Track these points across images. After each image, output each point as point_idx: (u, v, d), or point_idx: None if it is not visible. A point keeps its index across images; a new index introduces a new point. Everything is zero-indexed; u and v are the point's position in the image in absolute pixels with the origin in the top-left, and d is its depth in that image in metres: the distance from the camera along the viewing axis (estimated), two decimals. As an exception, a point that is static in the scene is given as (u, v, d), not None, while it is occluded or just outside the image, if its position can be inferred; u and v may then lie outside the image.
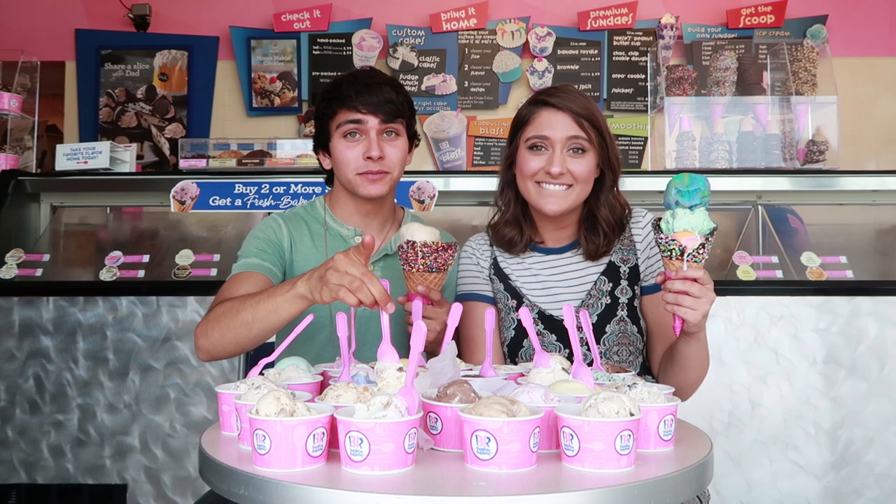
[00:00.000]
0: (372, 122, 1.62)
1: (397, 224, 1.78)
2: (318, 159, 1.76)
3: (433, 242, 1.46)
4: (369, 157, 1.62)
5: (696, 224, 1.30)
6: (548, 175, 1.55)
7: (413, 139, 1.74)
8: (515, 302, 1.66)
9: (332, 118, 1.65)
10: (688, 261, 1.31)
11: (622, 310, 1.60)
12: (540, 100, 1.61)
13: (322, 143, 1.70)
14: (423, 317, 1.43)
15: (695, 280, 1.32)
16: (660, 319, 1.61)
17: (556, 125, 1.56)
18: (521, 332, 1.61)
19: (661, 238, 1.33)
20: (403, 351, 1.23)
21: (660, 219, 1.35)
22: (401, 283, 1.53)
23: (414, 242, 1.46)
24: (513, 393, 1.07)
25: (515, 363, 1.65)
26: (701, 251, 1.31)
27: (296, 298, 1.38)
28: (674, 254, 1.31)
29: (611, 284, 1.61)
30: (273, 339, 1.76)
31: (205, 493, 1.50)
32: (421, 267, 1.45)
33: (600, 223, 1.61)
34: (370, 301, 1.28)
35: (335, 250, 1.68)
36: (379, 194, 1.67)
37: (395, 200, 1.85)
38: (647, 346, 1.67)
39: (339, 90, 1.63)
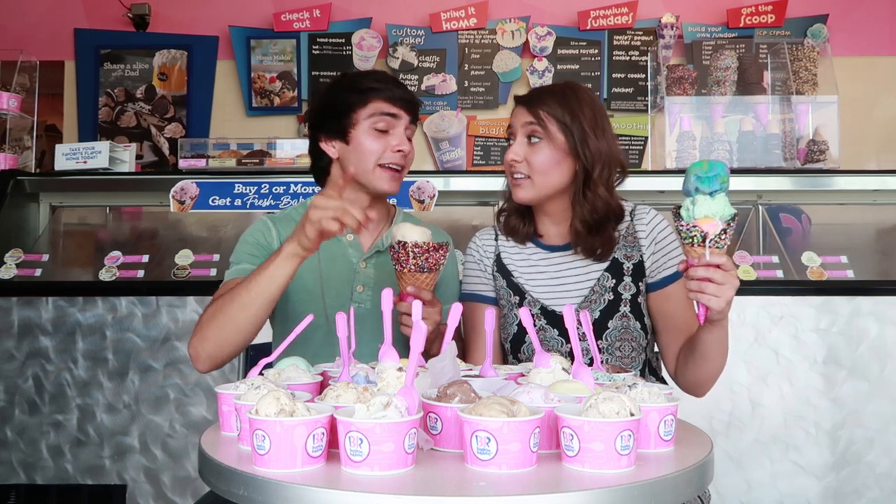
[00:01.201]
0: (404, 118, 1.67)
1: (390, 221, 1.79)
2: (318, 147, 1.71)
3: (424, 243, 1.46)
4: (399, 150, 1.66)
5: (717, 210, 1.29)
6: (509, 165, 1.61)
7: None
8: (518, 298, 1.66)
9: (362, 106, 1.65)
10: (710, 247, 1.30)
11: (625, 306, 1.60)
12: (515, 97, 1.69)
13: (338, 131, 1.67)
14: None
15: (717, 266, 1.31)
16: (672, 314, 1.61)
17: (517, 115, 1.63)
18: (523, 328, 1.61)
19: (682, 225, 1.32)
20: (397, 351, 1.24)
21: (679, 206, 1.34)
22: (393, 282, 1.53)
23: (405, 243, 1.46)
24: (513, 393, 1.07)
25: (518, 359, 1.66)
26: (723, 237, 1.30)
27: (287, 258, 1.44)
28: (695, 240, 1.31)
29: (614, 281, 1.61)
30: (271, 339, 1.76)
31: (204, 494, 1.50)
32: (412, 267, 1.46)
33: (575, 221, 1.60)
34: (354, 223, 1.36)
35: (327, 249, 1.69)
36: (394, 191, 1.70)
37: (395, 201, 1.85)
38: (659, 343, 1.66)
39: (376, 82, 1.66)
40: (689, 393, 1.61)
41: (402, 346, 1.29)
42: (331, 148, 1.69)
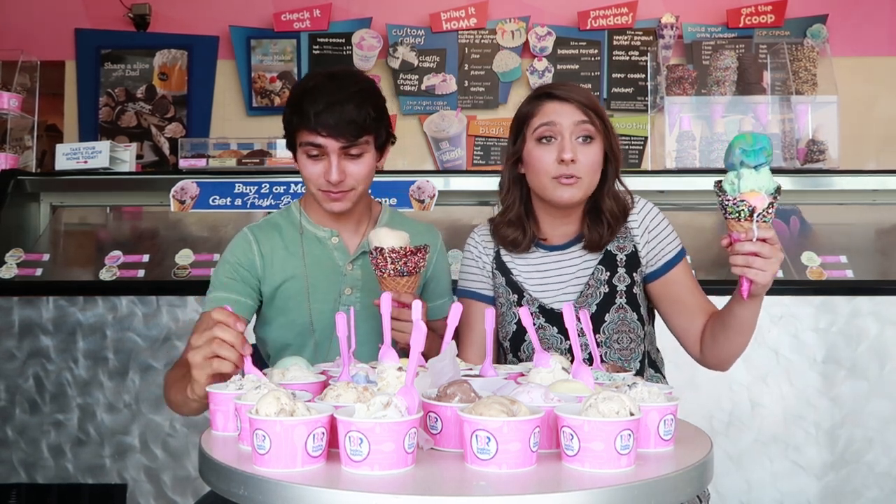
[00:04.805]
0: (332, 145, 1.55)
1: (374, 221, 1.76)
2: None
3: (401, 248, 1.45)
4: (329, 181, 1.58)
5: (763, 183, 1.28)
6: (562, 164, 1.54)
7: (387, 143, 1.67)
8: (517, 296, 1.66)
9: (295, 132, 1.60)
10: (758, 221, 1.29)
11: (620, 297, 1.61)
12: (544, 93, 1.62)
13: (291, 148, 1.66)
14: (397, 319, 1.42)
15: (764, 241, 1.31)
16: (681, 296, 1.60)
17: (564, 112, 1.57)
18: (523, 327, 1.61)
19: (728, 200, 1.30)
20: (375, 355, 1.23)
21: (720, 181, 1.33)
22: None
23: (382, 249, 1.45)
24: (513, 393, 1.07)
25: (518, 358, 1.66)
26: (770, 210, 1.29)
27: (188, 400, 1.32)
28: (742, 215, 1.30)
29: (608, 273, 1.62)
30: (254, 341, 1.74)
31: (205, 493, 1.50)
32: (391, 272, 1.45)
33: (604, 213, 1.61)
34: (229, 368, 1.21)
35: (312, 254, 1.68)
36: (341, 210, 1.64)
37: (396, 200, 1.84)
38: (675, 328, 1.64)
39: (301, 105, 1.55)
40: (714, 369, 1.61)
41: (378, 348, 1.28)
42: (295, 161, 1.66)
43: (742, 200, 1.29)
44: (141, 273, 2.85)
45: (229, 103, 4.16)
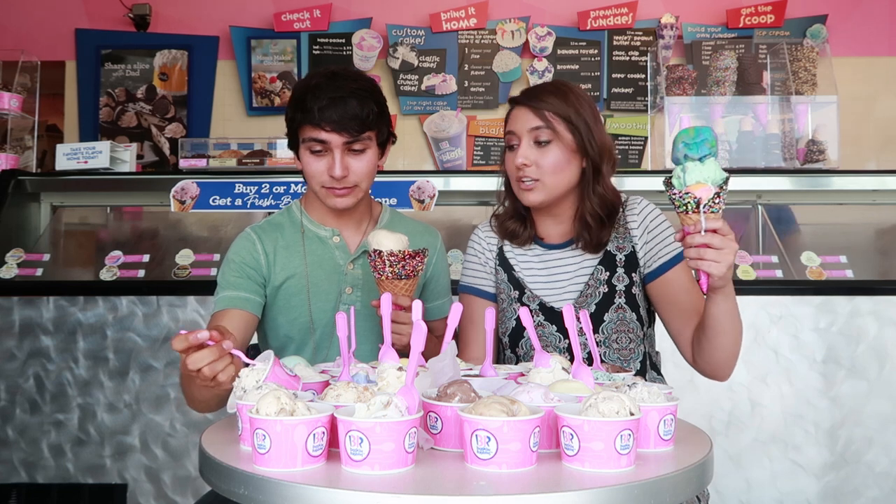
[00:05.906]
0: (336, 140, 1.56)
1: (374, 221, 1.76)
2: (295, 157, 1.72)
3: (400, 251, 1.45)
4: (332, 176, 1.59)
5: (709, 174, 1.28)
6: (518, 169, 1.58)
7: (388, 141, 1.68)
8: (518, 293, 1.67)
9: (298, 128, 1.61)
10: (704, 212, 1.29)
11: (620, 297, 1.61)
12: (512, 99, 1.66)
13: (293, 147, 1.67)
14: (394, 322, 1.42)
15: (714, 231, 1.30)
16: (677, 298, 1.60)
17: (520, 119, 1.60)
18: (522, 324, 1.62)
19: (675, 193, 1.31)
20: (374, 354, 1.22)
21: (670, 176, 1.33)
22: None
23: (381, 251, 1.46)
24: (513, 392, 1.07)
25: (516, 353, 1.67)
26: (717, 201, 1.29)
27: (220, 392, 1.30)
28: (689, 207, 1.29)
29: (608, 273, 1.62)
30: (257, 340, 1.74)
31: (205, 493, 1.50)
32: (389, 274, 1.46)
33: (585, 215, 1.61)
34: (228, 378, 1.17)
35: (315, 253, 1.68)
36: (345, 207, 1.64)
37: (396, 200, 1.83)
38: (672, 332, 1.64)
39: (304, 102, 1.57)
40: (712, 378, 1.58)
41: (376, 350, 1.28)
42: (298, 162, 1.67)
43: (687, 193, 1.29)
44: (141, 273, 2.86)
45: (229, 103, 4.16)
